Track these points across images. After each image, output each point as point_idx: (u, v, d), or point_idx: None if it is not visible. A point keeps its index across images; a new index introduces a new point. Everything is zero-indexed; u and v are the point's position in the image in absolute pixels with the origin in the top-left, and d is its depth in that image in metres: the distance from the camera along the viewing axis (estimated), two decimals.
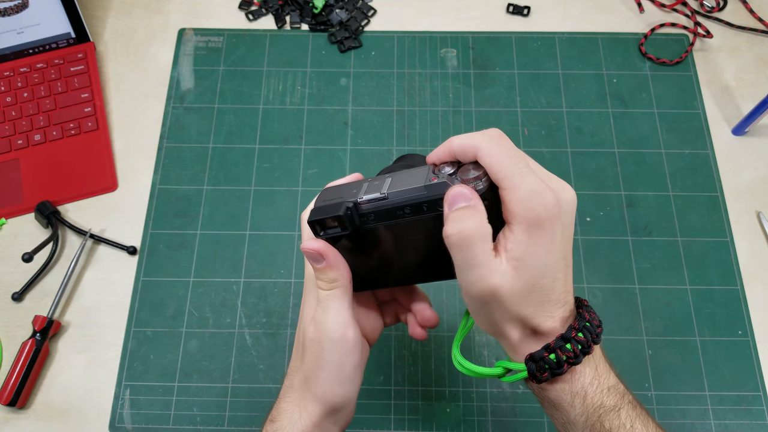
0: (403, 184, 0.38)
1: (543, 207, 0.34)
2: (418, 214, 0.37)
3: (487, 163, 0.35)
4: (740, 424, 0.62)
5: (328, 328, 0.39)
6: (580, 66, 0.81)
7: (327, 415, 0.41)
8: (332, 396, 0.40)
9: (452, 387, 0.64)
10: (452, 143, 0.36)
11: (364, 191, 0.39)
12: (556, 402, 0.38)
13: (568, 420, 0.38)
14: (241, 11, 0.85)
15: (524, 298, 0.35)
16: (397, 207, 0.37)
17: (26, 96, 0.78)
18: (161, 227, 0.72)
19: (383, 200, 0.38)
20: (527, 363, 0.37)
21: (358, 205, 0.38)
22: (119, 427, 0.63)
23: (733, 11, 0.85)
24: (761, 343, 0.66)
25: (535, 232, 0.34)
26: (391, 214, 0.38)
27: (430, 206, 0.37)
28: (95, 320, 0.68)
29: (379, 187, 0.38)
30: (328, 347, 0.39)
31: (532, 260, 0.34)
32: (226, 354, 0.66)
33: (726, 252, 0.70)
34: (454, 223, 0.34)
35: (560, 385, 0.37)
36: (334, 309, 0.39)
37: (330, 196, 0.40)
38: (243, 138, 0.77)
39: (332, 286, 0.40)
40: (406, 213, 0.37)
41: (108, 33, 0.84)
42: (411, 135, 0.77)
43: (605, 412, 0.36)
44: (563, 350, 0.36)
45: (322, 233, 0.39)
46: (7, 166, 0.75)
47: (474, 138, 0.35)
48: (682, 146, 0.76)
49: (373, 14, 0.85)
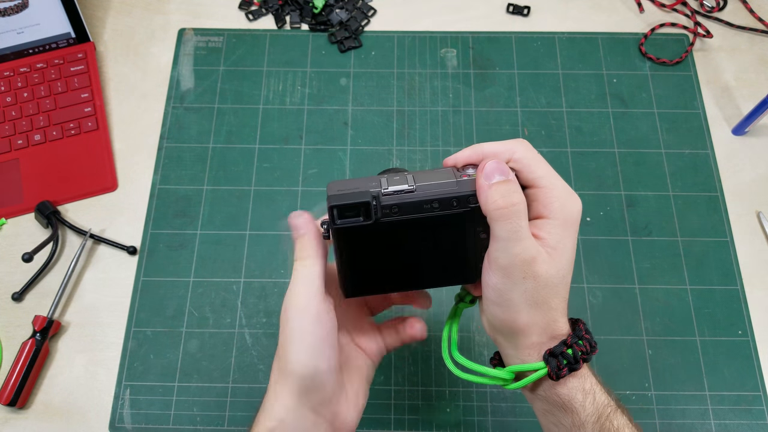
0: (430, 180, 0.37)
1: (575, 207, 0.38)
2: (447, 209, 0.37)
3: (524, 164, 0.37)
4: (740, 424, 0.62)
5: (294, 298, 0.38)
6: (580, 66, 0.81)
7: (298, 394, 0.38)
8: (297, 365, 0.38)
9: (452, 387, 0.64)
10: (482, 148, 0.39)
11: (385, 184, 0.37)
12: (567, 403, 0.38)
13: (578, 422, 0.38)
14: (241, 11, 0.85)
15: (554, 287, 0.37)
16: (425, 201, 0.36)
17: (26, 96, 0.78)
18: (161, 227, 0.72)
19: (410, 193, 0.37)
20: (547, 359, 0.37)
21: (382, 196, 0.37)
22: (119, 427, 0.63)
23: (733, 11, 0.85)
24: (761, 343, 0.66)
25: (568, 228, 0.37)
26: (417, 208, 0.37)
27: (460, 202, 0.36)
28: (95, 320, 0.68)
29: (402, 181, 0.37)
30: (293, 316, 0.38)
31: (563, 252, 0.37)
32: (226, 354, 0.66)
33: (726, 252, 0.70)
34: (501, 194, 0.35)
35: (574, 383, 0.38)
36: (302, 280, 0.39)
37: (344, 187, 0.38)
38: (243, 138, 0.77)
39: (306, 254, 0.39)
40: (434, 208, 0.37)
41: (108, 33, 0.84)
42: (411, 135, 0.77)
43: (612, 410, 0.38)
44: (578, 345, 0.37)
45: (340, 221, 0.37)
46: (7, 166, 0.75)
47: (508, 143, 0.38)
48: (682, 146, 0.76)
49: (373, 14, 0.85)
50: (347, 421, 0.42)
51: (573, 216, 0.37)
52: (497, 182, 0.36)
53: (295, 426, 0.39)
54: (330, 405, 0.40)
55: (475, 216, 0.37)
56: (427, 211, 0.37)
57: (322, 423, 0.40)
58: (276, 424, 0.39)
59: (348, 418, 0.42)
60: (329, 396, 0.40)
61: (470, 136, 0.76)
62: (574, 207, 0.38)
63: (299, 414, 0.39)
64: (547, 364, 0.37)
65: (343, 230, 0.38)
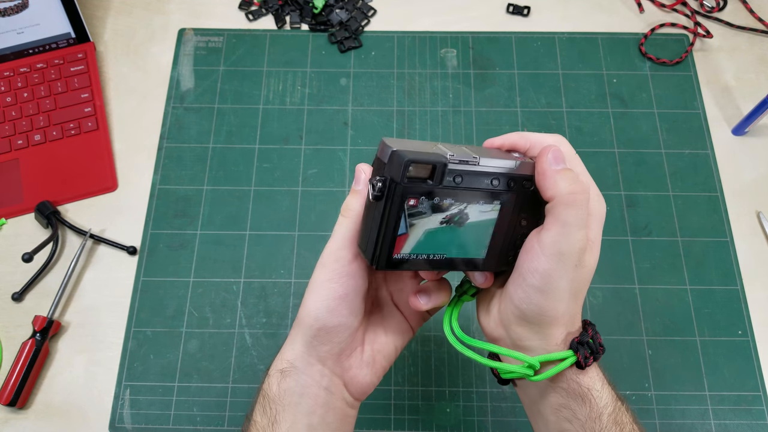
0: (489, 155, 0.37)
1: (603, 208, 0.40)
2: (505, 187, 0.37)
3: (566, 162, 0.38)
4: (740, 424, 0.62)
5: (325, 251, 0.40)
6: (580, 66, 0.81)
7: (307, 342, 0.40)
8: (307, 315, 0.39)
9: (452, 387, 0.64)
10: (529, 136, 0.39)
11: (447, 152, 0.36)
12: (586, 393, 0.38)
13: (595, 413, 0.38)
14: (241, 11, 0.85)
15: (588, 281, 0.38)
16: (488, 173, 0.36)
17: (26, 96, 0.78)
18: (161, 227, 0.72)
19: (475, 164, 0.36)
20: (575, 346, 0.38)
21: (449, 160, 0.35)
22: (119, 427, 0.63)
23: (733, 11, 0.85)
24: (761, 343, 0.66)
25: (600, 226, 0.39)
26: (479, 181, 0.36)
27: (516, 183, 0.36)
28: (95, 320, 0.68)
29: (464, 152, 0.36)
30: (318, 269, 0.40)
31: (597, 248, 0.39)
32: (226, 354, 0.66)
33: (726, 252, 0.70)
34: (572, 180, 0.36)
35: (593, 371, 0.39)
36: (338, 236, 0.39)
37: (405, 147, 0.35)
38: (243, 138, 0.77)
39: (347, 214, 0.39)
40: (493, 184, 0.36)
41: (108, 33, 0.84)
42: (411, 135, 0.77)
43: (622, 401, 0.39)
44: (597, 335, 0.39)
45: (407, 180, 0.34)
46: (7, 166, 0.75)
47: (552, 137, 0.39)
48: (682, 146, 0.76)
49: (373, 14, 0.85)
50: (358, 377, 0.42)
51: (603, 215, 0.39)
52: (565, 168, 0.36)
53: (302, 370, 0.40)
54: (339, 359, 0.41)
55: (526, 201, 0.37)
56: (486, 187, 0.36)
57: (330, 374, 0.41)
58: (286, 365, 0.41)
59: (360, 377, 0.42)
60: (336, 350, 0.41)
61: (470, 136, 0.76)
62: (603, 207, 0.39)
63: (307, 361, 0.41)
64: (576, 352, 0.38)
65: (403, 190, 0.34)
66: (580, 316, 0.40)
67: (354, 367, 0.42)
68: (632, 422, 0.39)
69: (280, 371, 0.41)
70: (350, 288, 0.39)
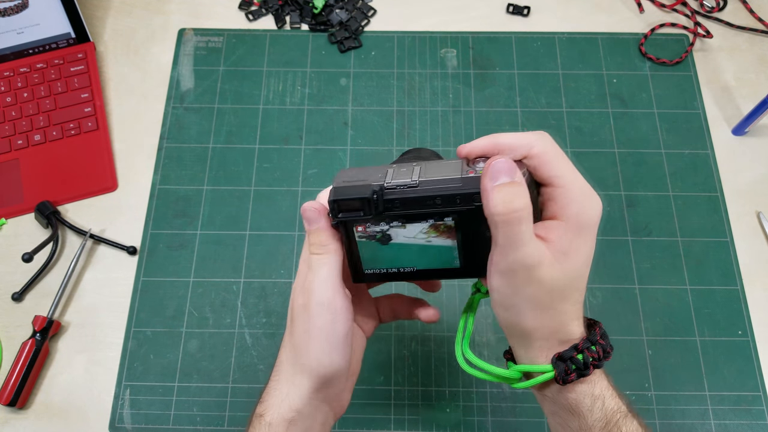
0: (436, 174, 0.36)
1: (594, 210, 0.36)
2: (450, 206, 0.35)
3: (543, 161, 0.35)
4: (740, 424, 0.62)
5: (317, 293, 0.38)
6: (580, 66, 0.81)
7: (316, 389, 0.40)
8: (319, 365, 0.39)
9: (452, 387, 0.64)
10: (498, 138, 0.36)
11: (390, 176, 0.36)
12: (574, 407, 0.37)
13: (585, 426, 0.37)
14: (241, 11, 0.85)
15: (562, 291, 0.36)
16: (428, 197, 0.35)
17: (26, 96, 0.78)
18: (161, 227, 0.72)
19: (414, 188, 0.35)
20: (556, 363, 0.36)
21: (385, 190, 0.36)
22: (119, 427, 0.63)
23: (733, 11, 0.85)
24: (761, 343, 0.66)
25: (583, 232, 0.35)
26: (420, 204, 0.36)
27: (463, 199, 0.35)
28: (95, 320, 0.68)
29: (407, 174, 0.36)
30: (317, 312, 0.38)
31: (575, 257, 0.35)
32: (226, 354, 0.66)
33: (726, 252, 0.70)
34: (502, 198, 0.33)
35: (582, 387, 0.37)
36: (323, 274, 0.38)
37: (351, 178, 0.37)
38: (243, 138, 0.77)
39: (324, 250, 0.39)
40: (437, 204, 0.35)
41: (108, 33, 0.84)
42: (411, 135, 0.77)
43: (622, 416, 0.37)
44: (590, 351, 0.36)
45: (341, 215, 0.37)
46: (7, 166, 0.75)
47: (527, 136, 0.36)
48: (682, 146, 0.76)
49: (373, 14, 0.85)
50: (342, 401, 0.43)
51: (591, 219, 0.36)
52: (501, 185, 0.33)
53: (309, 416, 0.40)
54: (340, 395, 0.42)
55: (479, 214, 0.36)
56: (430, 207, 0.36)
57: (328, 410, 0.42)
58: (294, 415, 0.40)
59: (346, 399, 0.44)
60: (341, 388, 0.42)
61: (470, 136, 0.76)
62: (593, 210, 0.36)
63: (314, 405, 0.40)
64: (554, 367, 0.37)
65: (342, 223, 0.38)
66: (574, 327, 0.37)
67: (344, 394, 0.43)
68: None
69: (287, 420, 0.40)
70: (349, 322, 0.39)
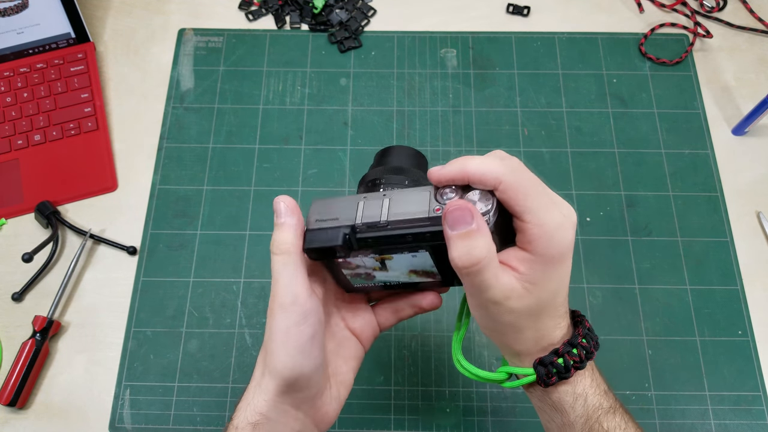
0: (404, 210, 0.36)
1: (566, 244, 0.35)
2: (421, 242, 0.36)
3: (510, 197, 0.34)
4: (740, 424, 0.62)
5: (278, 296, 0.37)
6: (580, 66, 0.81)
7: (282, 391, 0.38)
8: (284, 368, 0.37)
9: (452, 387, 0.64)
10: (467, 167, 0.34)
11: (360, 213, 0.37)
12: (557, 404, 0.39)
13: (567, 422, 0.39)
14: (241, 11, 0.85)
15: (534, 314, 0.36)
16: (398, 236, 0.36)
17: (26, 96, 0.78)
18: (161, 227, 0.72)
19: (384, 227, 0.36)
20: (536, 368, 0.38)
21: (356, 230, 0.37)
22: (119, 427, 0.63)
23: (733, 11, 0.85)
24: (761, 343, 0.66)
25: (555, 264, 0.35)
26: (391, 241, 0.36)
27: (433, 236, 0.35)
28: (95, 320, 0.68)
29: (377, 211, 0.37)
30: (279, 315, 0.37)
31: (546, 286, 0.36)
32: (226, 354, 0.66)
33: (726, 252, 0.70)
34: (461, 250, 0.33)
35: (564, 387, 0.38)
36: (285, 276, 0.37)
37: (324, 215, 0.38)
38: (243, 138, 0.77)
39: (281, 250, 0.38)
40: (408, 241, 0.36)
41: (108, 33, 0.84)
42: (411, 135, 0.77)
43: (603, 413, 0.38)
44: (570, 355, 0.37)
45: (315, 256, 0.38)
46: (7, 166, 0.75)
47: (495, 168, 0.34)
48: (682, 146, 0.76)
49: (373, 14, 0.85)
50: (328, 413, 0.42)
51: (562, 250, 0.35)
52: (459, 234, 0.33)
53: (276, 420, 0.39)
54: (313, 400, 0.40)
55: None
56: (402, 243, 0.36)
57: (303, 417, 0.40)
58: (259, 419, 0.38)
59: (329, 411, 0.42)
60: (313, 393, 0.40)
61: (470, 136, 0.76)
62: (564, 240, 0.35)
63: (281, 410, 0.39)
64: (535, 371, 0.38)
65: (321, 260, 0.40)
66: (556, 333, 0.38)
67: (325, 404, 0.41)
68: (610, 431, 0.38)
69: (252, 425, 0.38)
70: (317, 325, 0.38)
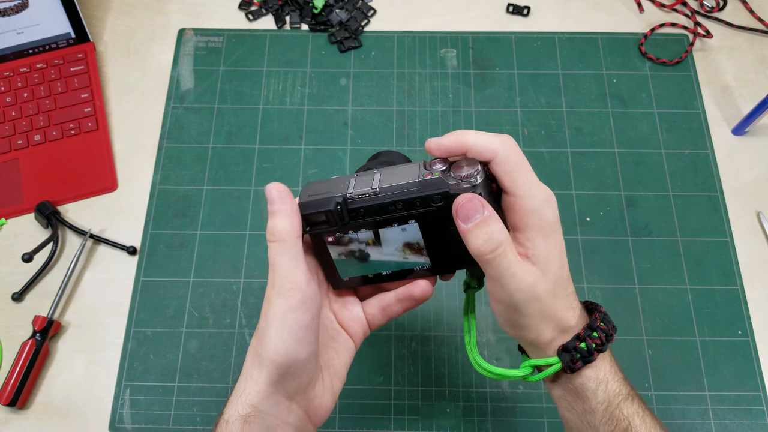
0: (395, 180, 0.37)
1: (554, 216, 0.37)
2: (411, 209, 0.37)
3: (506, 171, 0.36)
4: (740, 424, 0.62)
5: (277, 281, 0.37)
6: (580, 66, 0.81)
7: (275, 381, 0.37)
8: (276, 354, 0.37)
9: (452, 387, 0.64)
10: (465, 138, 0.36)
11: (352, 186, 0.38)
12: (580, 391, 0.39)
13: (589, 409, 0.39)
14: (241, 11, 0.85)
15: (554, 294, 0.38)
16: (389, 203, 0.37)
17: (26, 96, 0.78)
18: (161, 227, 0.72)
19: (375, 195, 0.37)
20: (561, 354, 0.39)
21: (348, 200, 0.37)
22: (119, 427, 0.63)
23: (733, 11, 0.85)
24: (761, 343, 0.66)
25: (551, 235, 0.37)
26: (383, 210, 0.37)
27: (423, 202, 0.36)
28: (95, 320, 0.68)
29: (368, 182, 0.38)
30: (276, 300, 0.37)
31: (553, 261, 0.37)
32: (226, 354, 0.66)
33: (726, 252, 0.70)
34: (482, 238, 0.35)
35: (587, 372, 0.39)
36: (282, 262, 0.37)
37: (315, 192, 0.39)
38: (243, 138, 0.77)
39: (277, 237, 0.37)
40: (398, 209, 0.37)
41: (108, 33, 0.84)
42: (411, 135, 0.77)
43: (623, 399, 0.39)
44: (591, 338, 0.38)
45: (309, 229, 0.38)
46: (7, 166, 0.75)
47: (492, 142, 0.36)
48: (682, 146, 0.76)
49: (373, 14, 0.85)
50: (322, 406, 0.41)
51: (552, 220, 0.37)
52: (476, 224, 0.35)
53: (269, 412, 0.38)
54: (306, 391, 0.40)
55: (440, 214, 0.37)
56: (392, 212, 0.37)
57: (297, 409, 0.40)
58: (250, 410, 0.38)
59: (323, 403, 0.41)
60: (306, 382, 0.39)
61: None
62: (551, 210, 0.37)
63: (274, 401, 0.38)
64: (560, 359, 0.39)
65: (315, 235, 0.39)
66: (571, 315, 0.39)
67: (318, 396, 0.41)
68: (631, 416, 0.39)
69: (243, 417, 0.38)
70: (314, 311, 0.38)
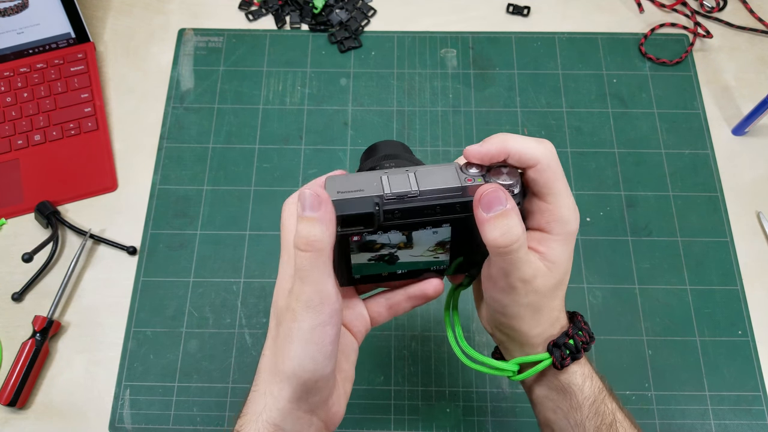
0: (433, 183, 0.36)
1: (576, 224, 0.39)
2: (450, 213, 0.36)
3: (544, 178, 0.37)
4: (740, 424, 0.62)
5: (305, 294, 0.34)
6: (580, 66, 0.81)
7: (298, 397, 0.36)
8: (302, 370, 0.35)
9: (452, 387, 0.64)
10: (508, 144, 0.36)
11: (387, 186, 0.35)
12: (567, 387, 0.40)
13: (576, 405, 0.40)
14: (241, 11, 0.85)
15: (552, 293, 0.39)
16: (428, 206, 0.35)
17: (26, 96, 0.78)
18: (161, 227, 0.72)
19: (415, 197, 0.35)
20: (551, 350, 0.39)
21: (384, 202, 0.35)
22: (119, 427, 0.63)
23: (733, 11, 0.85)
24: (761, 343, 0.66)
25: (568, 242, 0.39)
26: (419, 212, 0.35)
27: (463, 207, 0.36)
28: (95, 320, 0.68)
29: (405, 183, 0.36)
30: (304, 315, 0.34)
31: (562, 264, 0.39)
32: (226, 354, 0.66)
33: (726, 252, 0.70)
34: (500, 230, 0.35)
35: (574, 368, 0.40)
36: (315, 275, 0.34)
37: (344, 188, 0.36)
38: (243, 138, 0.77)
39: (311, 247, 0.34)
40: (437, 212, 0.35)
41: (108, 33, 0.84)
42: (411, 135, 0.77)
43: (605, 394, 0.41)
44: (578, 336, 0.40)
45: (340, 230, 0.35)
46: (7, 166, 0.75)
47: (535, 147, 0.36)
48: (682, 146, 0.76)
49: (373, 14, 0.85)
50: (338, 413, 0.40)
51: (574, 231, 0.39)
52: (495, 215, 0.34)
53: (291, 430, 0.37)
54: (326, 403, 0.39)
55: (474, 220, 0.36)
56: (429, 215, 0.36)
57: (317, 421, 0.39)
58: (273, 430, 0.36)
59: (339, 411, 0.40)
60: (327, 394, 0.38)
61: (470, 136, 0.76)
62: (576, 222, 0.39)
63: (296, 417, 0.37)
64: (551, 354, 0.39)
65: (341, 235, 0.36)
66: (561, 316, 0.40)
67: (335, 404, 0.39)
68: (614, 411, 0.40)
69: None
70: (340, 324, 0.36)
